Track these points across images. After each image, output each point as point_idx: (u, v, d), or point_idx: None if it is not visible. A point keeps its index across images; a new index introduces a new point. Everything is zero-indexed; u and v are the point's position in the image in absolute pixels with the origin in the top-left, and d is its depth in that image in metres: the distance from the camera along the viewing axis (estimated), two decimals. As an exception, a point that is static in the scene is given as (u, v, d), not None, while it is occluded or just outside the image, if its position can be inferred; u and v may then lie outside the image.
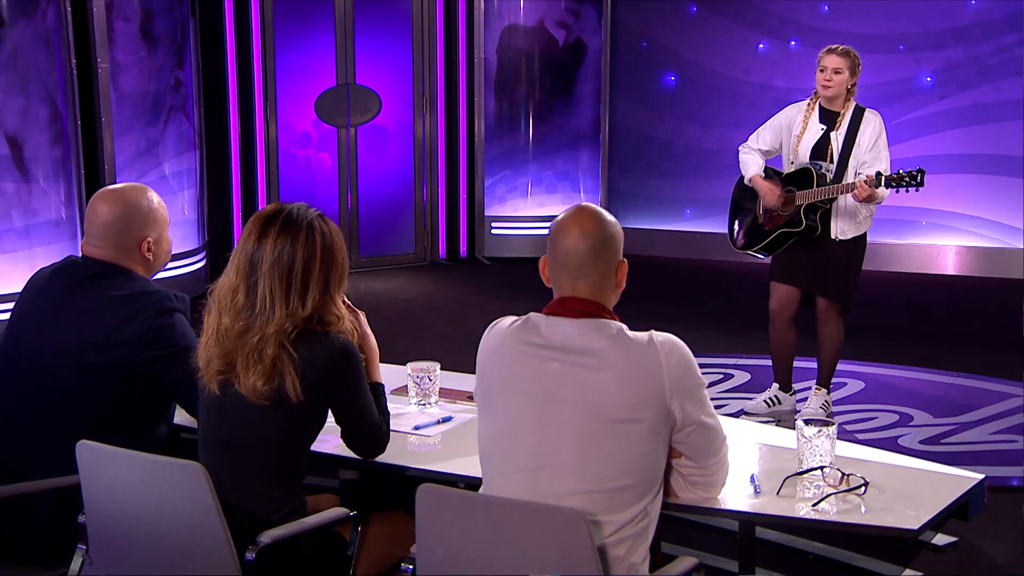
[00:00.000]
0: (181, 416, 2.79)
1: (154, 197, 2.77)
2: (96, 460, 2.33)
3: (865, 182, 4.40)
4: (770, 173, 4.81)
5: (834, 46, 4.61)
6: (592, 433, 2.11)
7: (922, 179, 4.38)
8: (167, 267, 2.90)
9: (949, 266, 8.33)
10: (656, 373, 2.12)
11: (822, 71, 4.58)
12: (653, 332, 2.18)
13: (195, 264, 7.26)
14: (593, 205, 2.29)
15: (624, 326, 2.20)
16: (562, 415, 2.13)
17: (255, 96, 8.09)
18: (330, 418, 2.51)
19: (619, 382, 2.11)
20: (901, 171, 4.42)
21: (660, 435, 2.15)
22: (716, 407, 5.46)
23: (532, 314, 2.24)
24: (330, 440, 2.64)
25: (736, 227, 4.97)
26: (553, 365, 2.15)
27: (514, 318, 2.27)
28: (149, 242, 2.73)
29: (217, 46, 7.86)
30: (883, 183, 4.40)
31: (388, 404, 2.68)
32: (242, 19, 7.98)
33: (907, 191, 4.43)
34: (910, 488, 2.46)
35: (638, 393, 2.11)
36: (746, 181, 4.83)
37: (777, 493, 2.42)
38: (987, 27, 8.05)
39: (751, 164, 4.79)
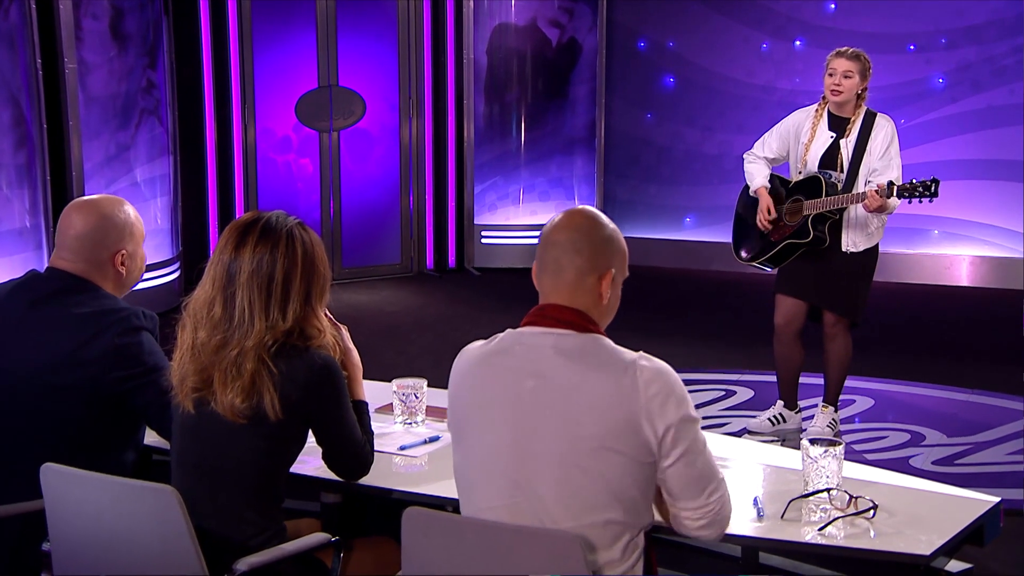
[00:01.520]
0: (152, 437, 2.79)
1: (131, 210, 2.79)
2: (62, 484, 2.33)
3: (876, 192, 4.41)
4: (777, 182, 4.83)
5: (843, 48, 4.62)
6: (572, 464, 2.08)
7: (936, 189, 4.39)
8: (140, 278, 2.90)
9: (962, 277, 8.36)
10: (630, 400, 2.07)
11: (831, 75, 4.59)
12: (641, 355, 2.13)
13: (168, 276, 7.25)
14: (595, 209, 2.27)
15: (608, 343, 2.16)
16: (540, 444, 2.10)
17: (232, 98, 8.09)
18: (311, 438, 2.51)
19: (594, 407, 2.07)
20: (914, 180, 4.44)
21: (644, 466, 2.10)
22: (717, 425, 5.46)
23: (507, 332, 2.22)
24: (311, 461, 2.63)
25: (740, 237, 4.98)
26: (528, 385, 2.12)
27: (484, 341, 2.24)
28: (123, 255, 2.74)
29: (192, 45, 7.86)
30: (895, 193, 4.42)
31: (372, 423, 2.68)
32: (218, 17, 7.98)
33: (919, 202, 4.45)
34: (922, 511, 2.46)
35: (612, 421, 2.06)
36: (751, 192, 4.84)
37: (781, 517, 2.42)
38: (1002, 26, 8.09)
39: (756, 174, 4.81)
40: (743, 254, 4.94)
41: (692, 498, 2.16)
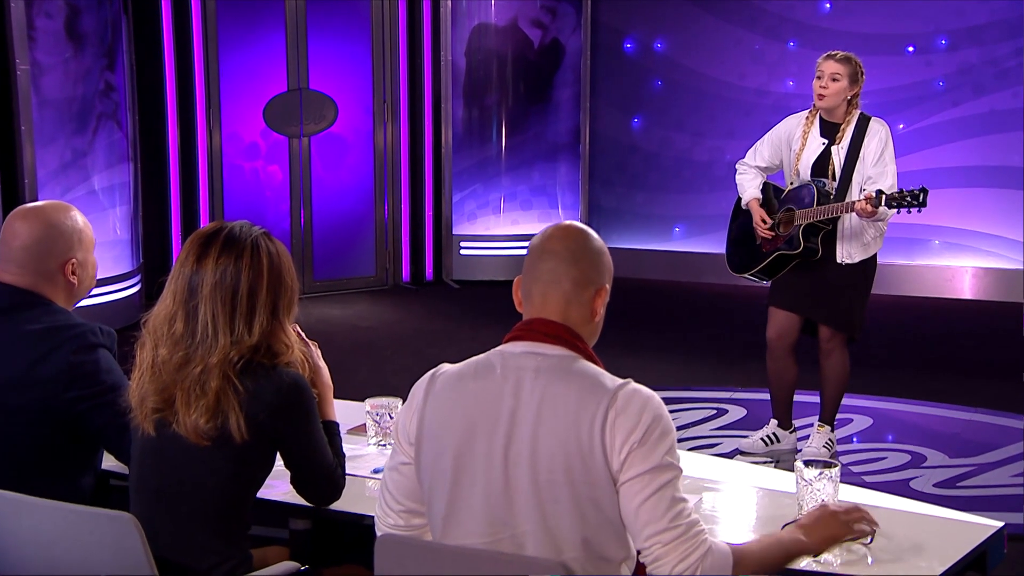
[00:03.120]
0: (110, 461, 2.77)
1: (79, 216, 2.76)
2: (12, 512, 2.31)
3: (866, 201, 4.45)
4: (770, 191, 4.86)
5: (834, 52, 4.67)
6: (552, 496, 2.07)
7: (924, 199, 4.41)
8: (96, 294, 2.89)
9: (965, 289, 8.41)
10: (602, 428, 2.05)
11: (818, 78, 4.63)
12: (628, 383, 2.11)
13: (128, 289, 7.21)
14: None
15: (593, 368, 2.14)
16: (520, 474, 2.09)
17: (196, 102, 8.08)
18: (279, 461, 2.50)
19: (569, 437, 2.06)
20: (903, 189, 4.47)
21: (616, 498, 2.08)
22: (708, 446, 5.45)
23: (489, 353, 2.20)
24: (279, 486, 2.63)
25: (733, 248, 5.00)
26: (506, 412, 2.11)
27: (458, 365, 2.22)
28: (73, 264, 2.72)
29: (153, 46, 7.85)
30: (883, 202, 4.44)
31: (344, 445, 2.68)
32: (181, 16, 7.97)
33: (908, 212, 4.47)
34: (922, 536, 2.48)
35: (587, 451, 2.05)
36: (743, 205, 4.88)
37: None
38: (1005, 27, 8.16)
39: (748, 186, 4.84)
40: (736, 266, 4.97)
41: (650, 522, 2.05)
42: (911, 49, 8.40)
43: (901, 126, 8.13)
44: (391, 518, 2.27)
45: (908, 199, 4.42)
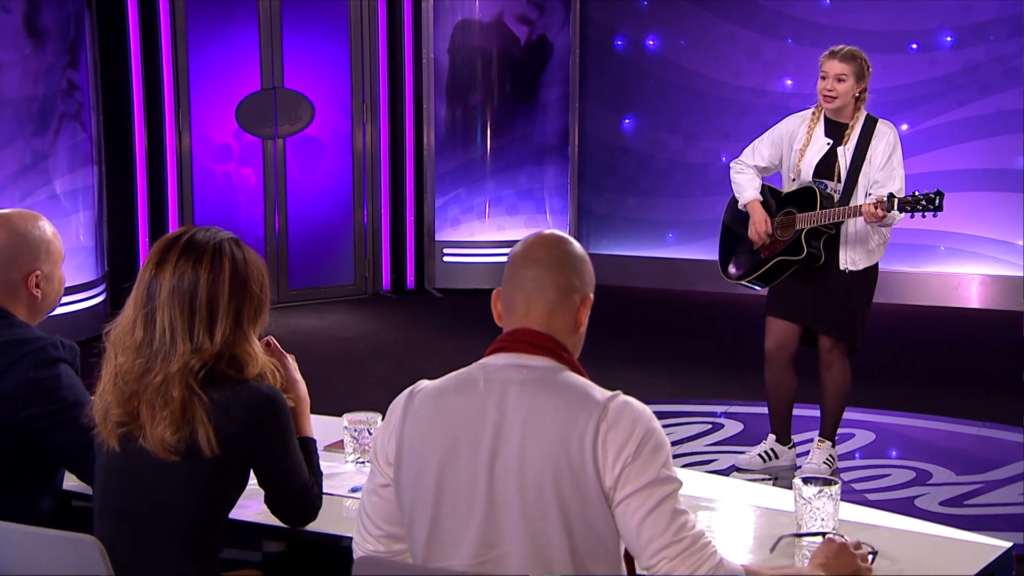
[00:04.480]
0: (72, 481, 2.76)
1: (47, 227, 2.75)
2: (-30, 533, 2.30)
3: (875, 205, 4.45)
4: (767, 193, 4.86)
5: (837, 48, 4.67)
6: (537, 515, 2.08)
7: (940, 203, 4.44)
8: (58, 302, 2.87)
9: (971, 298, 8.44)
10: (592, 443, 2.06)
11: (823, 79, 4.63)
12: (617, 395, 2.12)
13: (92, 299, 7.20)
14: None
15: (579, 379, 2.15)
16: (506, 491, 2.09)
17: (164, 102, 8.06)
18: (252, 480, 2.50)
19: (556, 453, 2.07)
20: (917, 193, 4.48)
21: (611, 518, 2.09)
22: (703, 462, 5.45)
23: (471, 367, 2.21)
24: (251, 506, 2.62)
25: (727, 254, 5.01)
26: (490, 428, 2.12)
27: (438, 381, 2.23)
28: (38, 276, 2.71)
29: (119, 43, 7.83)
30: (896, 207, 4.46)
31: (321, 462, 2.67)
32: (148, 11, 7.96)
33: (923, 216, 4.49)
34: (926, 558, 2.48)
35: (577, 468, 2.06)
36: (740, 206, 4.87)
37: (771, 551, 2.43)
38: (1012, 23, 8.20)
39: (746, 186, 4.84)
40: (731, 271, 4.97)
41: (653, 539, 2.06)
42: (915, 47, 8.44)
43: (905, 127, 8.16)
44: (370, 543, 2.27)
45: (923, 203, 4.43)
